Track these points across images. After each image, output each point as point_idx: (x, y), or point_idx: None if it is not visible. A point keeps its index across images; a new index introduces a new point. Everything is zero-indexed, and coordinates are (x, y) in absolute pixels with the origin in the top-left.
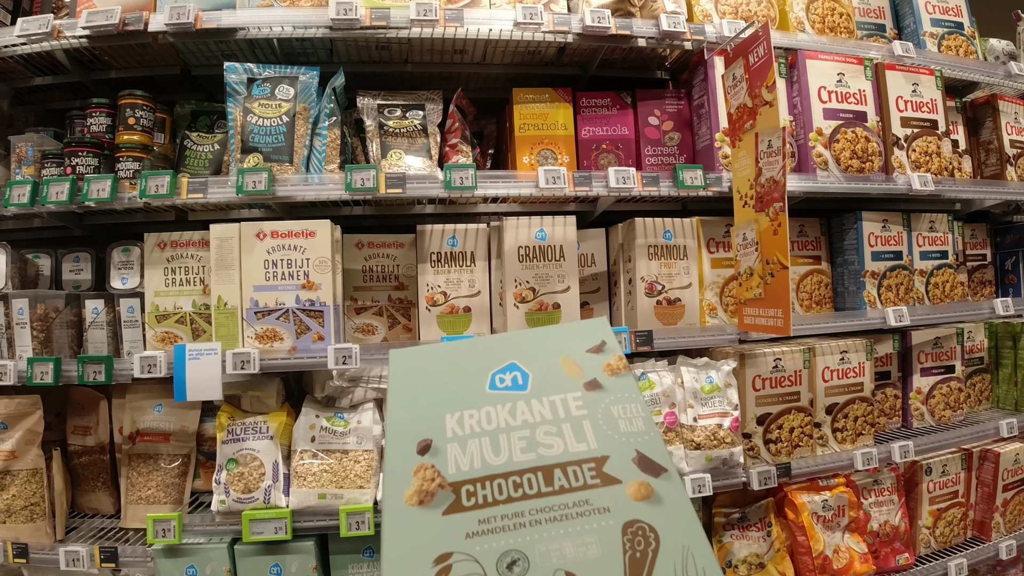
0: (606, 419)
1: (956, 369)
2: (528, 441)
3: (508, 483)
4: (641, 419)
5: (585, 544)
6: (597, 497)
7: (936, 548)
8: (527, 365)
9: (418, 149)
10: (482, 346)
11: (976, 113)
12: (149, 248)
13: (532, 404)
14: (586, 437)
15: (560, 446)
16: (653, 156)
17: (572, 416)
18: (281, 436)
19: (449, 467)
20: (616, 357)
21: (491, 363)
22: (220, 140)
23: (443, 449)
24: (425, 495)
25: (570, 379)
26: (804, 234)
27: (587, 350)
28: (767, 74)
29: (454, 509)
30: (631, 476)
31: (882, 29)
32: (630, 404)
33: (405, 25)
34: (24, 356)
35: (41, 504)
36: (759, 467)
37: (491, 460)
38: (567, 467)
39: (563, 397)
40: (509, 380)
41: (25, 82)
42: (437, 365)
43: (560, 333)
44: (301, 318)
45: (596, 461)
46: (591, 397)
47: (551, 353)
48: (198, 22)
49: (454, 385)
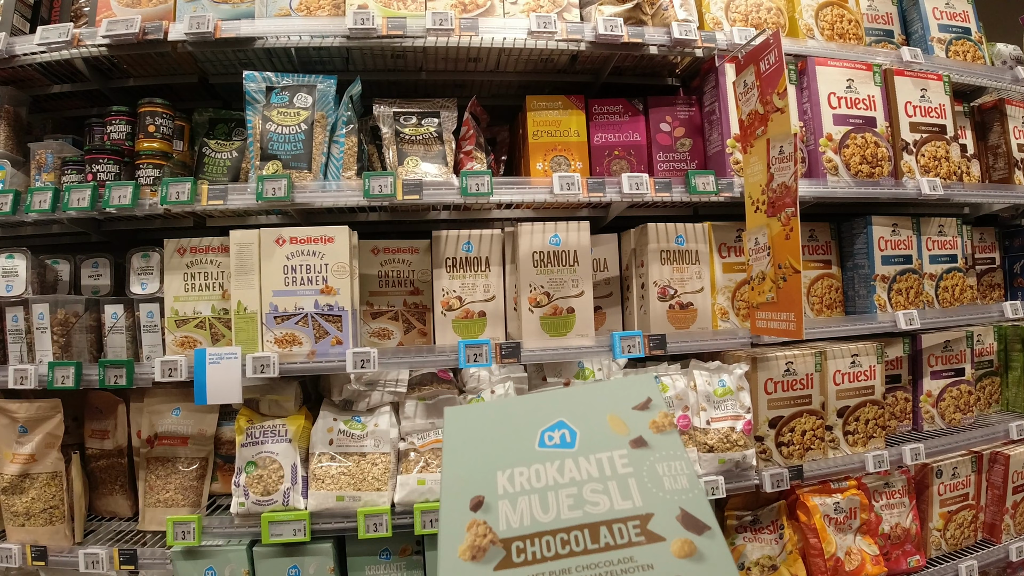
0: (651, 477)
1: (966, 372)
2: (575, 499)
3: (556, 540)
4: (685, 476)
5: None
6: (641, 554)
7: (947, 550)
8: (575, 423)
9: (434, 156)
10: (532, 404)
11: (984, 117)
12: (169, 253)
13: (580, 462)
14: (631, 495)
15: (606, 504)
16: (665, 162)
17: (618, 474)
18: (299, 439)
19: (500, 524)
20: (662, 414)
21: (540, 421)
22: (238, 147)
23: (495, 506)
24: (478, 551)
25: (616, 437)
26: (815, 238)
27: (633, 407)
28: (778, 81)
29: (505, 565)
30: (675, 534)
31: (890, 35)
32: (675, 462)
33: (421, 34)
34: (44, 360)
35: (60, 507)
36: (771, 470)
37: (540, 517)
38: (612, 524)
39: (609, 455)
40: (558, 438)
41: (43, 90)
42: (489, 422)
43: (607, 390)
44: (320, 322)
45: (641, 519)
46: (637, 455)
47: (598, 410)
48: (217, 31)
49: (505, 442)
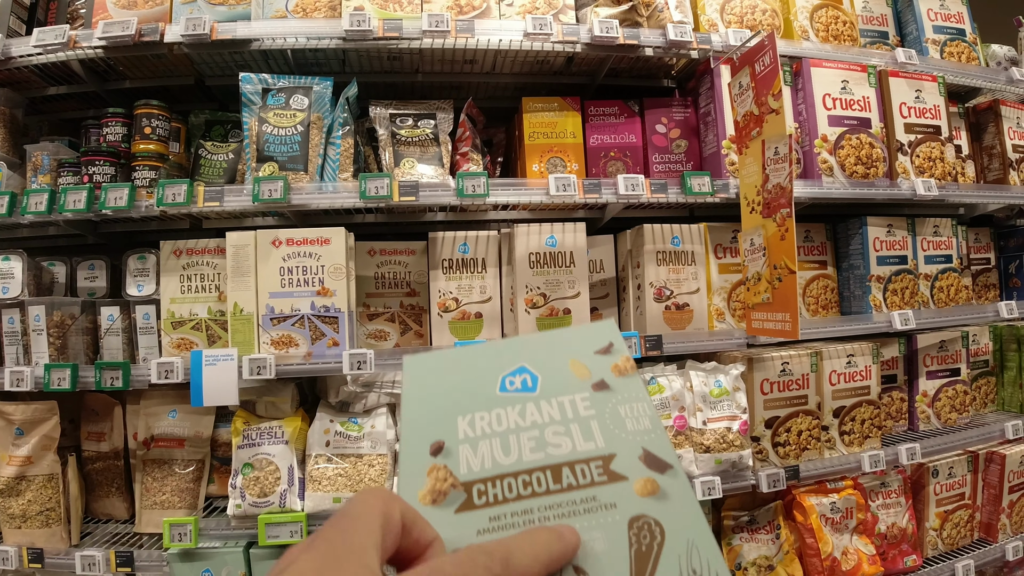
0: (613, 418)
1: (961, 372)
2: (537, 441)
3: (518, 482)
4: (648, 418)
5: (592, 539)
6: (604, 494)
7: (943, 550)
8: (536, 368)
9: (430, 158)
10: (493, 350)
11: (979, 118)
12: (165, 255)
13: (541, 405)
14: (593, 436)
15: (568, 445)
16: (660, 163)
17: (580, 416)
18: (296, 441)
19: (461, 468)
20: (623, 358)
21: (501, 366)
22: (234, 149)
23: (455, 450)
24: (438, 495)
25: (578, 381)
26: (810, 239)
27: (595, 352)
28: (773, 82)
29: (466, 507)
30: (637, 473)
31: (885, 37)
32: (637, 403)
33: (417, 36)
34: (41, 362)
35: (57, 509)
36: (768, 470)
37: (501, 460)
38: (575, 465)
39: (571, 398)
40: (519, 383)
41: (39, 92)
42: (449, 369)
43: (569, 336)
44: (316, 324)
45: (603, 459)
46: (599, 397)
47: (560, 356)
48: (213, 33)
49: (466, 388)
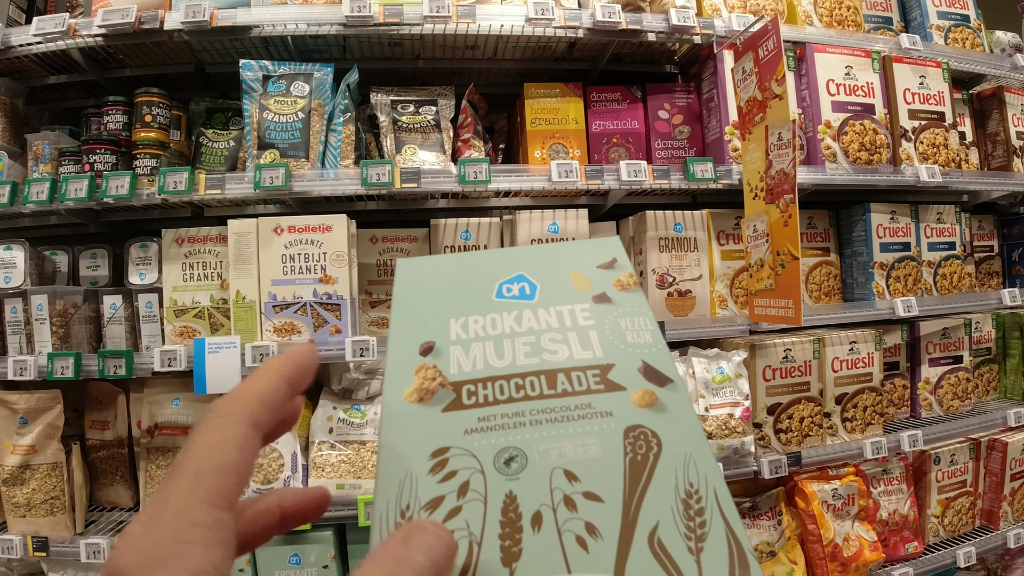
0: (613, 330)
1: (964, 359)
2: (533, 347)
3: (510, 384)
4: (649, 332)
5: (585, 445)
6: (600, 402)
7: (945, 537)
8: (536, 277)
9: (431, 144)
10: (491, 257)
11: (983, 105)
12: (167, 244)
13: (539, 313)
14: (592, 345)
15: (565, 352)
16: (663, 149)
17: (579, 325)
18: (299, 428)
19: (451, 367)
20: (627, 274)
21: (499, 273)
22: (235, 137)
23: (446, 351)
24: (425, 393)
25: (579, 291)
26: (813, 226)
27: (597, 266)
28: (777, 67)
29: (454, 407)
30: (636, 384)
31: (889, 22)
32: (638, 318)
33: (418, 22)
34: (44, 351)
35: (61, 498)
36: (770, 456)
37: (494, 362)
38: (571, 372)
39: (570, 308)
40: (516, 290)
41: (39, 81)
42: (444, 274)
43: (571, 249)
44: (319, 311)
45: (601, 368)
46: (599, 309)
47: (561, 267)
48: (213, 20)
49: (460, 293)
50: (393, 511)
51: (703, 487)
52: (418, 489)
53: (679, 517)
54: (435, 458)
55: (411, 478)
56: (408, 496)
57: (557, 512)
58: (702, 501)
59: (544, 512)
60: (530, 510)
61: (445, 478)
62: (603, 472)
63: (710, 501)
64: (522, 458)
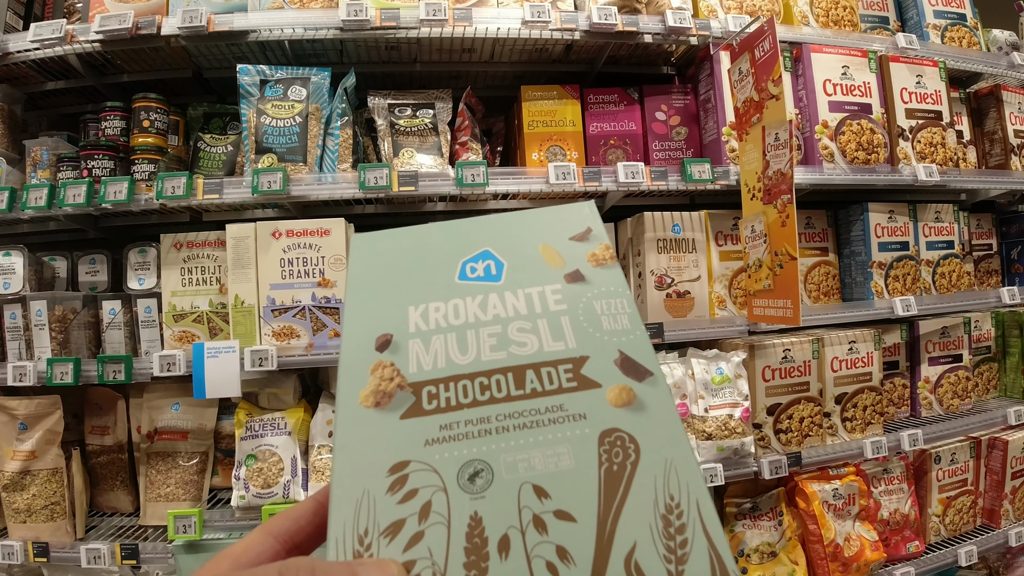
0: (587, 315)
1: (964, 358)
2: (499, 338)
3: (474, 384)
4: (627, 316)
5: (557, 455)
6: (573, 402)
7: (946, 536)
8: (502, 253)
9: (429, 147)
10: (454, 230)
11: (980, 104)
12: (165, 249)
13: (506, 297)
14: (564, 335)
15: (535, 344)
16: (660, 151)
17: (550, 311)
18: (299, 432)
19: (410, 365)
20: (602, 246)
21: (463, 250)
22: (233, 141)
23: (404, 345)
24: (382, 396)
25: (550, 269)
26: (811, 226)
27: (570, 237)
28: (773, 68)
29: (413, 413)
30: (612, 379)
31: (885, 22)
32: (615, 299)
33: (415, 25)
34: (43, 357)
35: (61, 503)
36: (770, 457)
37: (457, 359)
38: (541, 368)
39: (540, 290)
40: (481, 270)
41: (37, 87)
42: (403, 252)
43: (542, 217)
44: (317, 315)
45: (574, 362)
46: (572, 290)
47: (530, 240)
48: (210, 25)
49: (420, 274)
50: (351, 536)
51: (684, 499)
52: (376, 511)
53: (658, 536)
54: (394, 474)
55: (369, 497)
56: (366, 519)
57: (526, 535)
58: (683, 516)
59: (512, 535)
60: (497, 533)
61: (405, 498)
62: (576, 487)
63: (692, 515)
64: (488, 472)
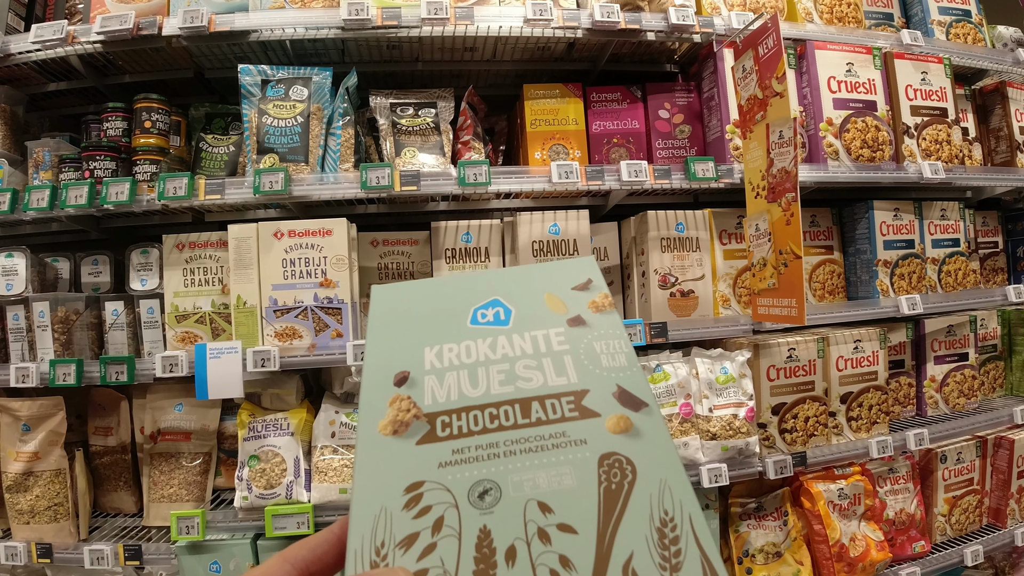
0: (588, 354)
1: (969, 357)
2: (507, 374)
3: (484, 414)
4: (624, 355)
5: (560, 475)
6: (574, 429)
7: (952, 535)
8: (511, 301)
9: (431, 147)
10: (466, 282)
11: (985, 100)
12: (168, 249)
13: (513, 339)
14: (566, 371)
15: (539, 379)
16: (664, 149)
17: (553, 351)
18: (301, 432)
19: (425, 399)
20: (601, 295)
21: (474, 298)
22: (235, 142)
23: (420, 381)
24: (400, 425)
25: (553, 315)
26: (816, 224)
27: (572, 287)
28: (777, 65)
29: (428, 439)
30: (610, 410)
31: (890, 18)
32: (613, 340)
33: (416, 24)
34: (46, 358)
35: (65, 504)
36: (775, 456)
37: (468, 392)
38: (545, 400)
39: (545, 332)
40: (491, 315)
41: (39, 88)
42: (419, 300)
43: (546, 270)
44: (320, 315)
45: (575, 395)
46: (574, 333)
47: (536, 289)
48: (211, 25)
49: (435, 319)
50: (368, 548)
51: (678, 514)
52: (393, 526)
53: (654, 546)
54: (409, 493)
55: (386, 514)
56: (383, 533)
57: (531, 545)
58: (677, 529)
59: (518, 546)
60: (504, 544)
61: (419, 514)
62: (577, 503)
63: (685, 529)
64: (496, 491)
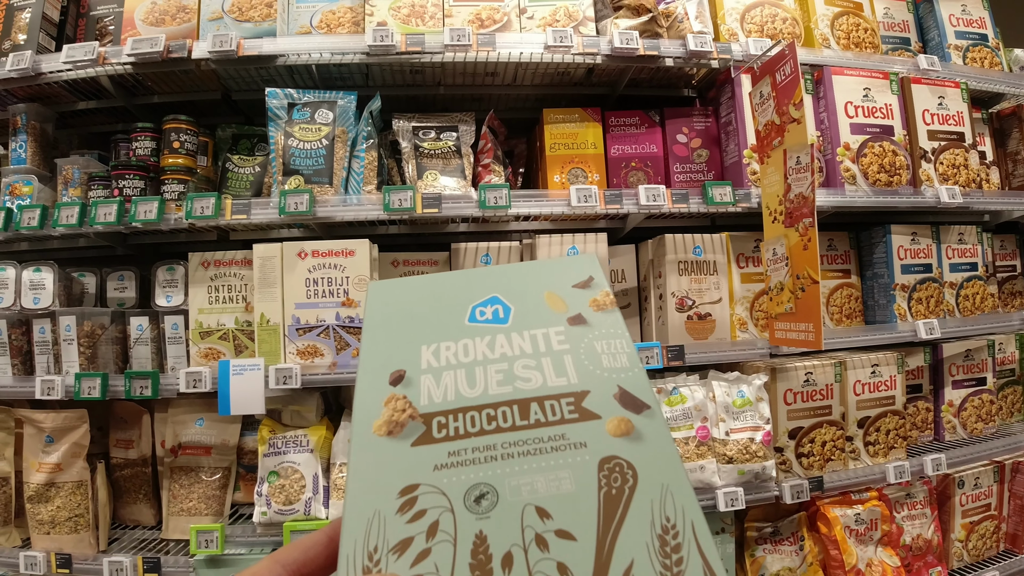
0: (588, 354)
1: (988, 381)
2: (505, 374)
3: (482, 415)
4: (625, 355)
5: (558, 479)
6: (574, 432)
7: (969, 561)
8: (510, 299)
9: (452, 170)
10: (465, 279)
11: (1002, 124)
12: (193, 267)
13: (512, 338)
14: (566, 371)
15: (538, 380)
16: (682, 173)
17: (553, 350)
18: (321, 449)
19: (422, 398)
20: (603, 293)
21: (472, 296)
22: (260, 162)
23: (416, 380)
24: (395, 425)
25: (554, 314)
26: (833, 248)
27: (573, 285)
28: (794, 92)
29: (424, 440)
30: (611, 412)
31: (907, 43)
32: (614, 340)
33: (439, 50)
34: (71, 372)
35: (85, 515)
36: (791, 481)
37: (466, 392)
38: (544, 401)
39: (545, 331)
40: (490, 313)
41: (69, 106)
42: (417, 298)
43: (547, 268)
44: (341, 334)
45: (575, 396)
46: (574, 332)
47: (536, 287)
48: (240, 49)
49: (432, 317)
50: (361, 553)
51: (680, 521)
52: (386, 530)
53: (655, 554)
54: (404, 496)
55: (379, 517)
56: (376, 537)
57: (528, 552)
58: (679, 536)
59: (515, 553)
60: (501, 551)
61: (414, 518)
62: (576, 508)
63: (687, 535)
64: (493, 495)
